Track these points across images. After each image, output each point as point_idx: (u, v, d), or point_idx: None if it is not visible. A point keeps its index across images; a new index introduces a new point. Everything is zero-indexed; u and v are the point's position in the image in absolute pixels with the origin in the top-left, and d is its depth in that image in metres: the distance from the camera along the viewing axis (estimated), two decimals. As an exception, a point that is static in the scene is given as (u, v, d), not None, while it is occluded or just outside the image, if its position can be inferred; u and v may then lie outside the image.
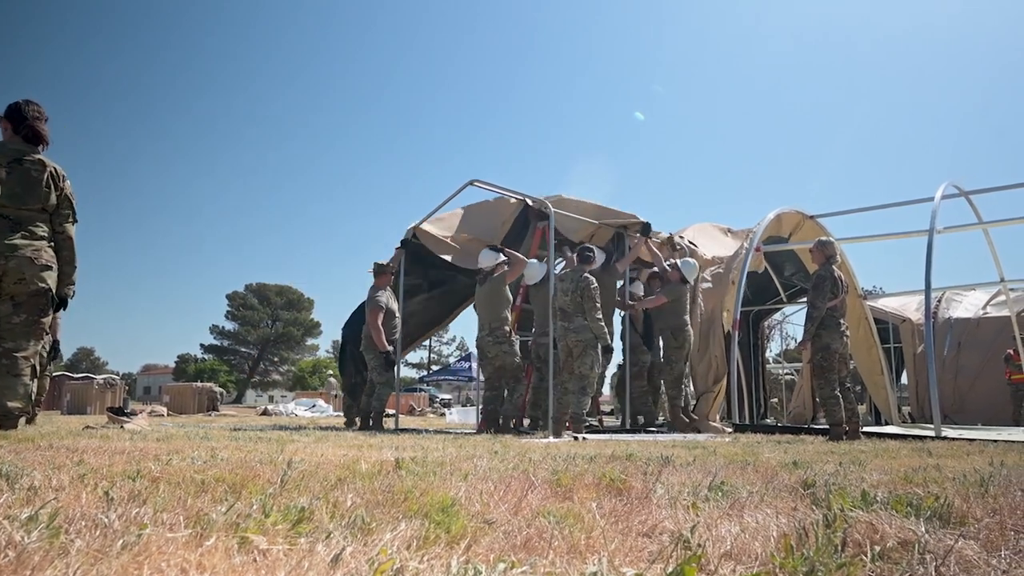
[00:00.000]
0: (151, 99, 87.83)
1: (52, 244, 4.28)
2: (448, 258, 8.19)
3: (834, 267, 6.51)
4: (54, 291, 4.24)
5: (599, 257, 7.27)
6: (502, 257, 7.17)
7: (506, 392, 7.11)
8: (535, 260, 7.28)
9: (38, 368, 4.40)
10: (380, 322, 7.45)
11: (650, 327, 8.46)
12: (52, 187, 4.24)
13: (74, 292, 4.42)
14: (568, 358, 6.52)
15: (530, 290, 7.62)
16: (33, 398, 4.43)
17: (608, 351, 6.71)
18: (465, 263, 8.05)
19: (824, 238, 7.02)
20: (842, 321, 6.45)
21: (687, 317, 7.71)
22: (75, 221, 4.38)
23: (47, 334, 4.57)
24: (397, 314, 7.87)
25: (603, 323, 6.48)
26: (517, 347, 7.16)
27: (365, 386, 7.96)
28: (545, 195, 7.83)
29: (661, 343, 7.97)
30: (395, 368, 7.79)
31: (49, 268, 4.21)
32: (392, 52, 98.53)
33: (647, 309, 8.20)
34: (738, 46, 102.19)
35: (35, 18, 78.73)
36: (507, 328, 7.07)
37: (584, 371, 6.39)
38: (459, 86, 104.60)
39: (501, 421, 7.02)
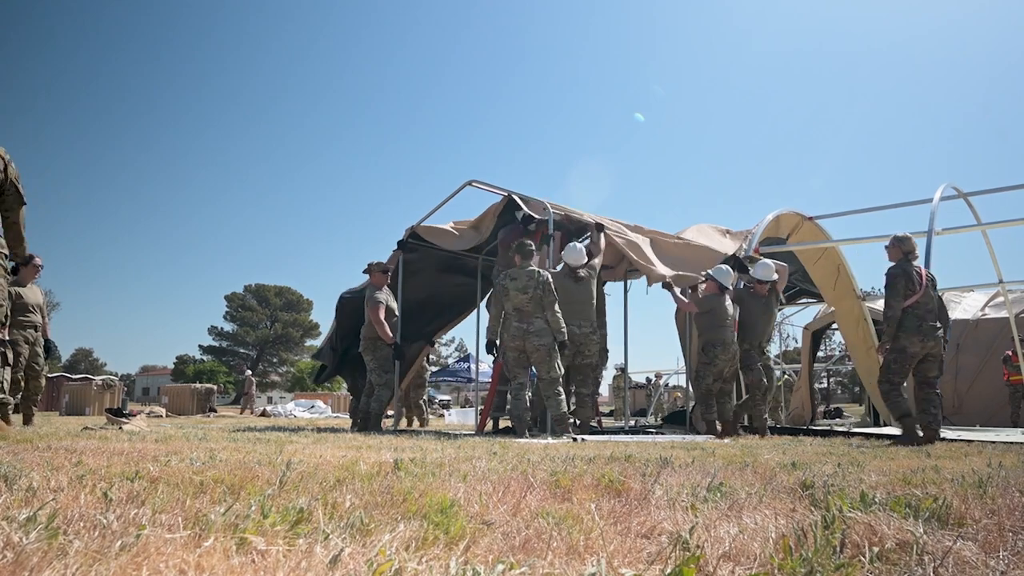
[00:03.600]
0: (150, 99, 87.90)
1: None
2: (452, 246, 8.20)
3: (913, 262, 6.00)
4: None
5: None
6: (585, 257, 7.09)
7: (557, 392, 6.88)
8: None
9: (10, 356, 4.28)
10: (383, 317, 7.45)
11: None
12: None
13: (10, 258, 4.12)
14: (520, 355, 6.44)
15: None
16: (8, 389, 4.35)
17: (563, 347, 6.63)
18: (467, 244, 8.12)
19: (900, 233, 6.29)
20: (927, 319, 5.89)
21: (724, 332, 7.17)
22: (24, 203, 4.14)
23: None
24: (396, 314, 7.88)
25: (561, 317, 6.44)
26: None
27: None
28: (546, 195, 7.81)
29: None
30: (396, 367, 7.81)
31: None
32: (391, 52, 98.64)
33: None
34: (737, 47, 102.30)
35: (34, 18, 78.73)
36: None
37: (553, 376, 6.39)
38: (458, 86, 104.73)
39: (579, 422, 7.01)
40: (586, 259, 7.07)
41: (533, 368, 6.61)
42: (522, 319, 6.42)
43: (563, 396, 6.48)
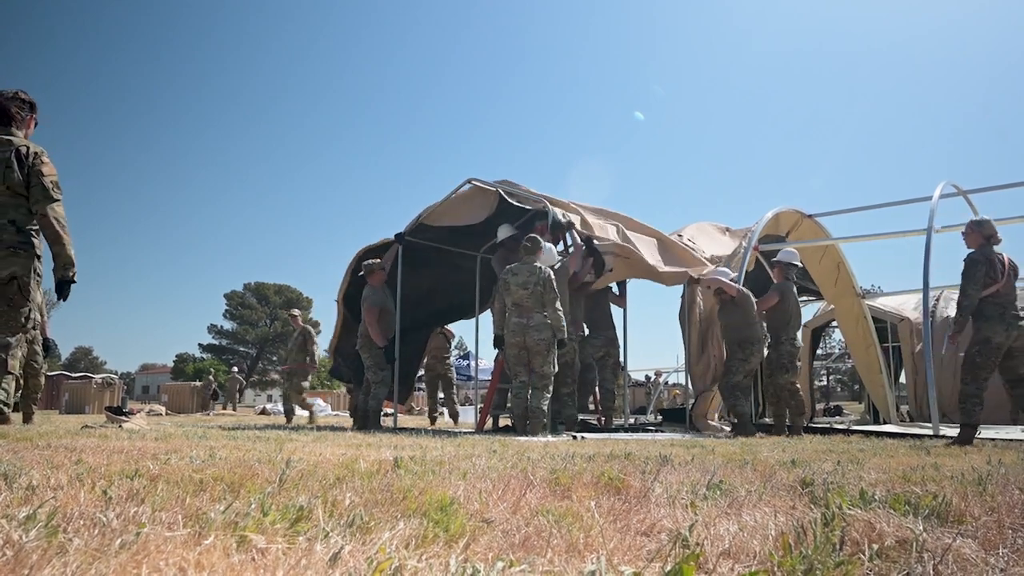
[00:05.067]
0: (150, 99, 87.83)
1: (22, 230, 3.93)
2: (464, 219, 8.16)
3: (995, 248, 5.59)
4: (20, 279, 3.91)
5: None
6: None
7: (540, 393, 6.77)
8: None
9: (14, 363, 4.20)
10: (377, 319, 7.47)
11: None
12: (17, 167, 3.88)
13: (74, 274, 4.03)
14: (521, 352, 6.38)
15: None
16: (14, 395, 4.27)
17: (563, 345, 6.61)
18: (479, 215, 8.07)
19: (979, 217, 5.80)
20: (1009, 309, 5.47)
21: (757, 330, 7.18)
22: (53, 199, 3.95)
23: (32, 329, 4.28)
24: (394, 312, 7.89)
25: (562, 314, 6.39)
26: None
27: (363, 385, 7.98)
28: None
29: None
30: (394, 366, 7.82)
31: (16, 254, 3.91)
32: (390, 52, 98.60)
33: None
34: (737, 47, 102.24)
35: (34, 18, 78.63)
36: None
37: (547, 371, 6.32)
38: (458, 86, 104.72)
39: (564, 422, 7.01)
40: (558, 261, 6.96)
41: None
42: (521, 314, 6.37)
43: (550, 393, 6.42)
